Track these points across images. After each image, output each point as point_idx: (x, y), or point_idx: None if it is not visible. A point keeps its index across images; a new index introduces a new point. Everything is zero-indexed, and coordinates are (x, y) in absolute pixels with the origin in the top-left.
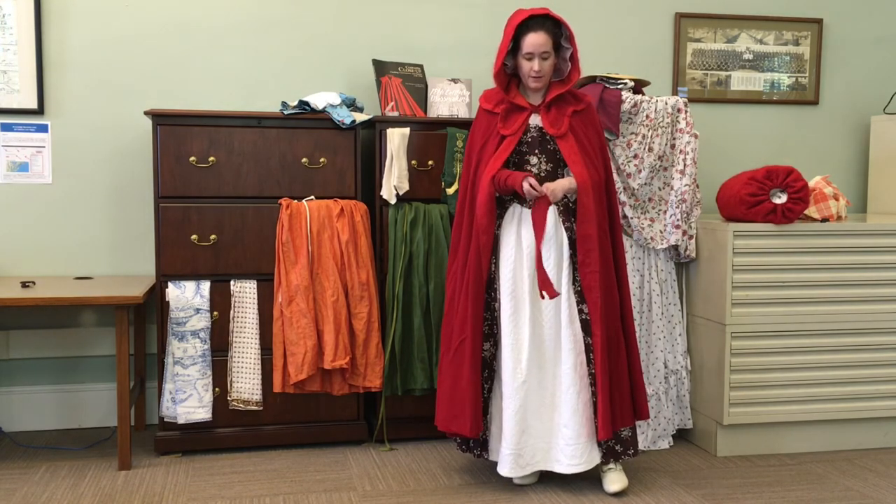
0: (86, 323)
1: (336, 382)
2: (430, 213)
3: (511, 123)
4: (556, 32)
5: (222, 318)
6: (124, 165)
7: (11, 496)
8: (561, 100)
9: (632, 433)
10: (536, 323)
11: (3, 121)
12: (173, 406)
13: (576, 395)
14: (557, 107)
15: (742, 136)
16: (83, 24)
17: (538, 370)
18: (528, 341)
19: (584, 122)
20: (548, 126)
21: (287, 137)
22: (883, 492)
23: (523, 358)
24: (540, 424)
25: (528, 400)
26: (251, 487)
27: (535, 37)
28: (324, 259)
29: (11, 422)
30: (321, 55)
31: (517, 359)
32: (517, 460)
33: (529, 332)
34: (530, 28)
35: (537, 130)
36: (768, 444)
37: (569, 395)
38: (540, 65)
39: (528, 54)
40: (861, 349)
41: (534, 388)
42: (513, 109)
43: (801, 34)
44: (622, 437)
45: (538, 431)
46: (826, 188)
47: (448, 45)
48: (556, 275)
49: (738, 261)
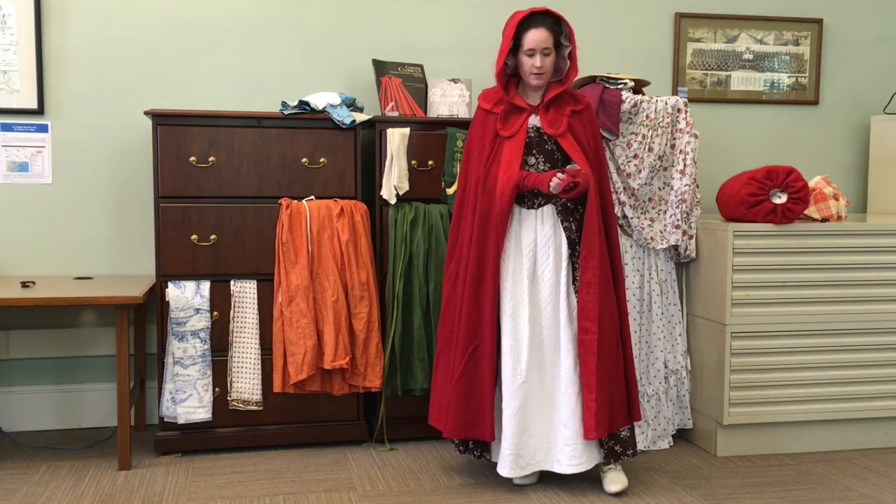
0: (86, 323)
1: (336, 382)
2: (430, 213)
3: (511, 125)
4: (557, 30)
5: (222, 318)
6: (124, 165)
7: (11, 496)
8: (559, 100)
9: (630, 433)
10: (535, 322)
11: (3, 121)
12: (173, 406)
13: (575, 395)
14: (556, 107)
15: (742, 136)
16: (83, 24)
17: (538, 370)
18: (528, 341)
19: (582, 123)
20: (546, 126)
21: (287, 137)
22: (883, 492)
23: (523, 358)
24: (540, 424)
25: (527, 400)
26: (251, 487)
27: (537, 33)
28: (324, 259)
29: (11, 422)
30: (321, 55)
31: (517, 359)
32: (517, 461)
33: (529, 331)
34: (531, 25)
35: (535, 131)
36: (768, 444)
37: (567, 394)
38: (542, 61)
39: (529, 51)
40: (861, 349)
41: (534, 389)
42: (512, 110)
43: (801, 34)
44: (621, 438)
45: (538, 431)
46: (826, 188)
47: (448, 45)
48: (555, 275)
49: (738, 261)
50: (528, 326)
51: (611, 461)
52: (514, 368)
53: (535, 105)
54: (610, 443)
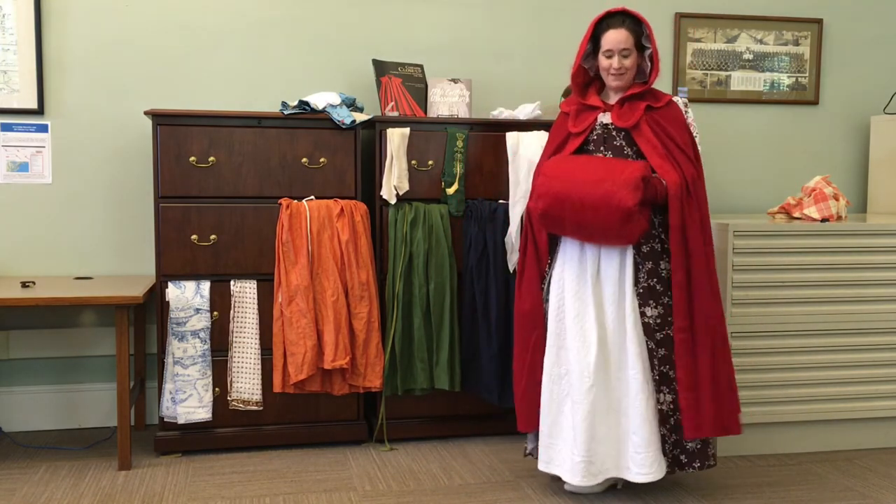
0: (86, 323)
1: (336, 382)
2: (430, 213)
3: (581, 122)
4: (637, 30)
5: (222, 318)
6: (124, 165)
7: (11, 496)
8: (637, 98)
9: (701, 444)
10: (601, 325)
11: (3, 121)
12: (173, 406)
13: (645, 402)
14: (631, 103)
15: (742, 136)
16: (83, 24)
17: (604, 373)
18: (596, 344)
19: (664, 118)
20: (615, 119)
21: (287, 137)
22: (883, 492)
23: (591, 361)
24: (607, 430)
25: (595, 405)
26: (251, 487)
27: (615, 34)
28: (324, 259)
29: (11, 422)
30: (321, 55)
31: (585, 362)
32: (588, 468)
33: (597, 334)
34: (609, 25)
35: (602, 127)
36: (768, 444)
37: (638, 400)
38: (620, 62)
39: (607, 51)
40: (861, 349)
41: (601, 393)
42: (584, 109)
43: (801, 34)
44: (688, 448)
45: (607, 438)
46: (826, 188)
47: (448, 45)
48: (619, 276)
49: (738, 261)
50: (595, 328)
51: (675, 470)
52: (582, 371)
53: (611, 104)
54: (675, 451)
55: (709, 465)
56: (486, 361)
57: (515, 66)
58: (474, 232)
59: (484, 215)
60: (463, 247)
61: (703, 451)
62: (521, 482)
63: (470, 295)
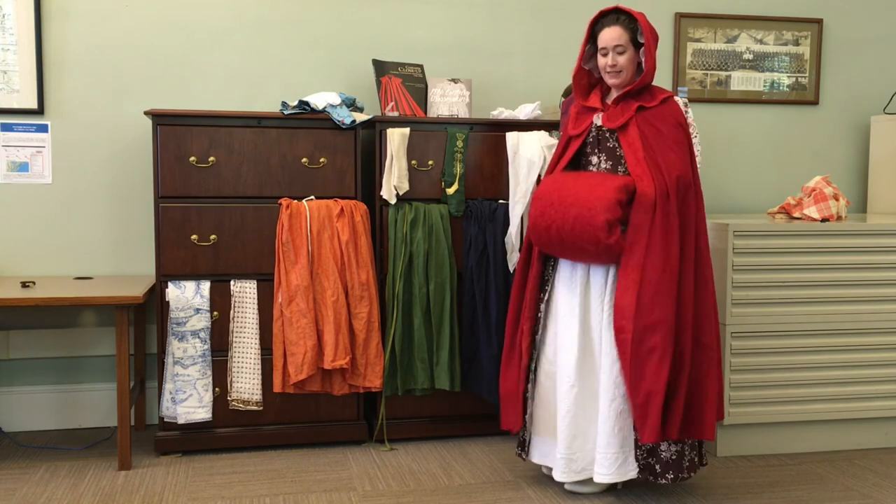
0: (86, 323)
1: (336, 382)
2: (430, 213)
3: (580, 123)
4: (633, 28)
5: (222, 318)
6: (124, 165)
7: (11, 496)
8: (631, 97)
9: (676, 455)
10: (586, 328)
11: (3, 121)
12: (173, 406)
13: (608, 402)
14: (625, 103)
15: (742, 136)
16: (83, 24)
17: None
18: (578, 346)
19: (657, 116)
20: (605, 121)
21: (287, 137)
22: (883, 492)
23: (572, 360)
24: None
25: (577, 404)
26: (251, 487)
27: (609, 31)
28: (324, 259)
29: (11, 422)
30: (321, 55)
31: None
32: (569, 465)
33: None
34: (604, 24)
35: (596, 129)
36: (768, 444)
37: (603, 402)
38: (614, 59)
39: (602, 49)
40: (861, 349)
41: (585, 393)
42: (584, 111)
43: (801, 34)
44: (661, 456)
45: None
46: (826, 188)
47: (448, 45)
48: (604, 280)
49: (738, 261)
50: (578, 330)
51: (648, 478)
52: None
53: (608, 105)
54: (650, 459)
55: (682, 477)
56: (486, 361)
57: (515, 66)
58: (474, 232)
59: (484, 215)
60: (463, 247)
61: (678, 463)
62: (521, 482)
63: (470, 295)
